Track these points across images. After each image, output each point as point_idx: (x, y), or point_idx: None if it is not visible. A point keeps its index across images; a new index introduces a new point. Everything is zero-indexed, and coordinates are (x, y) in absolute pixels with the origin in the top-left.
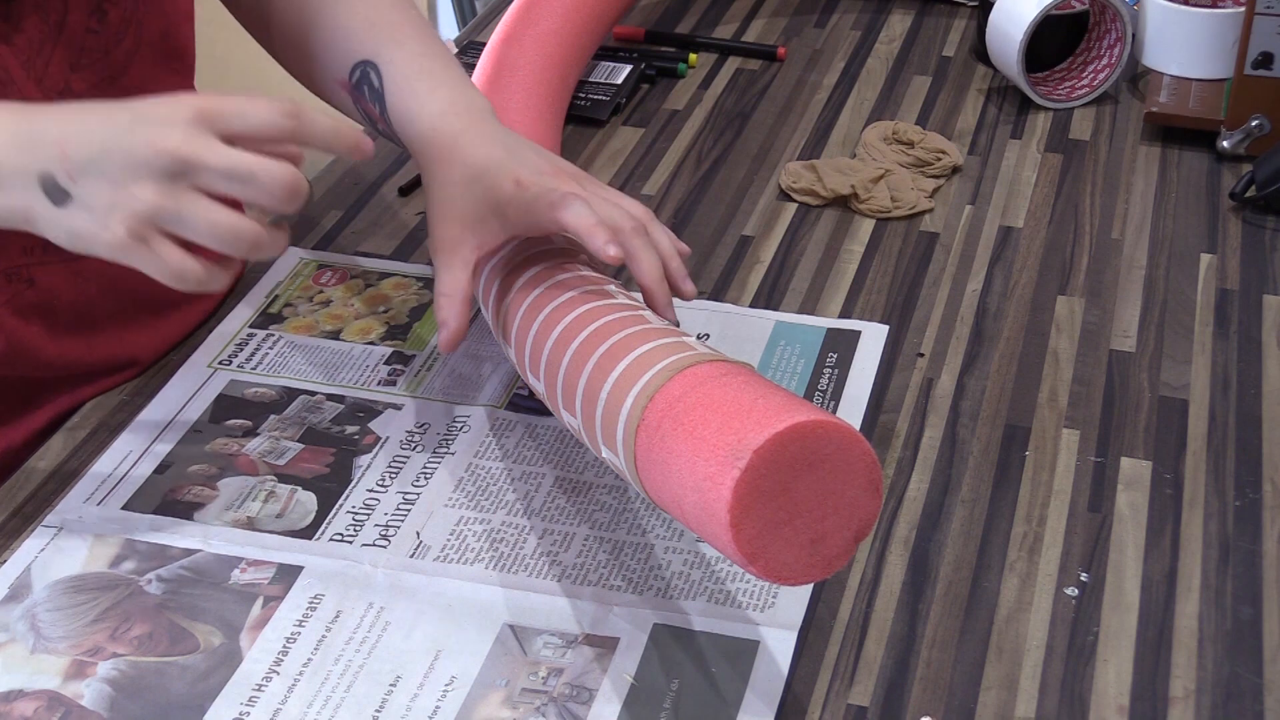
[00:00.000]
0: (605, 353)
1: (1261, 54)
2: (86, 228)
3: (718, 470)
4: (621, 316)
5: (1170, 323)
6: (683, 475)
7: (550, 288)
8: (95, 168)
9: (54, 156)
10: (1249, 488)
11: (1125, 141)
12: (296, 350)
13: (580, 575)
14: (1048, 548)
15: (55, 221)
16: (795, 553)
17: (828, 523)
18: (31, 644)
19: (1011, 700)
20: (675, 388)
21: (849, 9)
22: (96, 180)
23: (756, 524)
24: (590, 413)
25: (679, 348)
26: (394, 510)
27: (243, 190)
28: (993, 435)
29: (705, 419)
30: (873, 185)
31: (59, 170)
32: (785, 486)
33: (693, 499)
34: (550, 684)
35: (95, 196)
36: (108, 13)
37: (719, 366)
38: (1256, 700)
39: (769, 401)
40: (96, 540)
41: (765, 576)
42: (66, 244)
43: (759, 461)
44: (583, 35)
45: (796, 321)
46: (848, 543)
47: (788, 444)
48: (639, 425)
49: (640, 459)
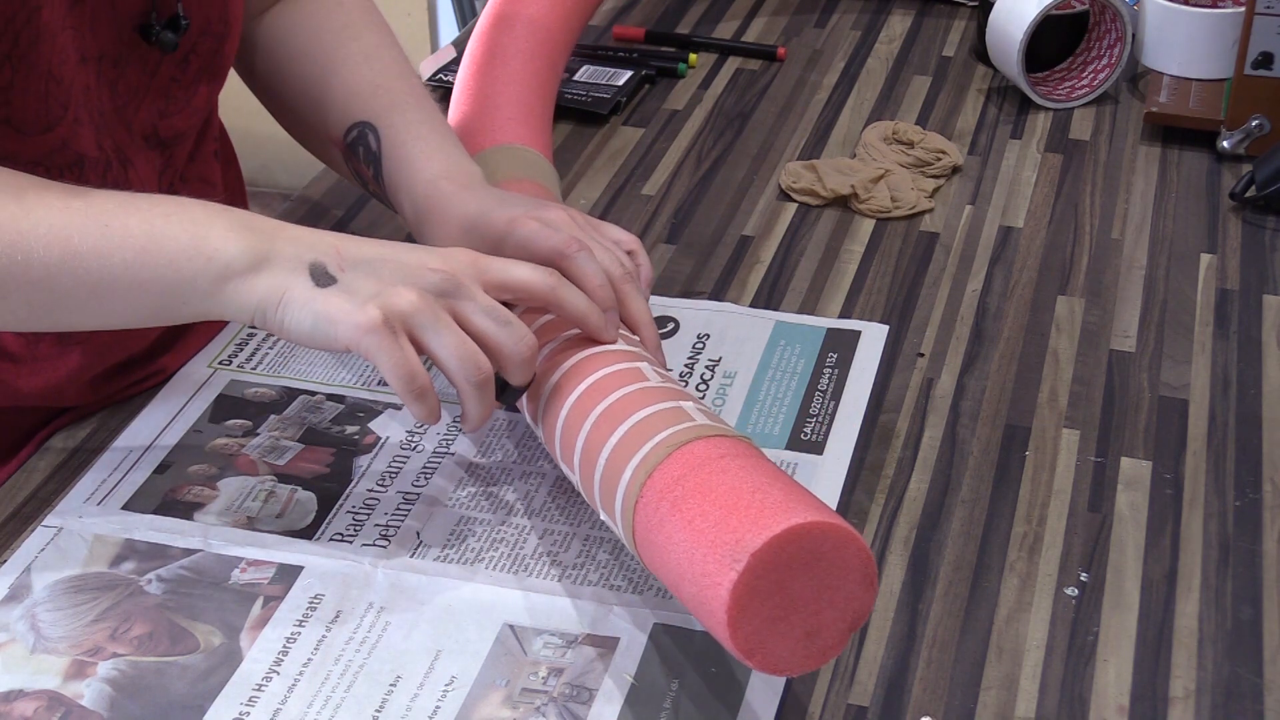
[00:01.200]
0: (604, 413)
1: (1261, 54)
2: (340, 308)
3: (715, 569)
4: (620, 370)
5: (1170, 323)
6: (681, 565)
7: (545, 325)
8: (368, 266)
9: (329, 252)
10: (1249, 488)
11: (1125, 141)
12: (296, 350)
13: (580, 575)
14: (1048, 548)
15: (306, 303)
16: (791, 645)
17: (823, 616)
18: (31, 644)
19: (1011, 700)
20: (674, 468)
21: (849, 9)
22: (365, 275)
23: (753, 622)
24: (589, 474)
25: (677, 416)
26: (394, 510)
27: (496, 332)
28: (993, 435)
29: (704, 511)
30: (873, 185)
31: (331, 262)
32: (782, 584)
33: (690, 590)
34: (550, 684)
35: (360, 286)
36: (191, 64)
37: (718, 446)
38: (1256, 700)
39: (768, 497)
40: (96, 540)
41: (762, 669)
42: (305, 330)
43: (757, 564)
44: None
45: (796, 321)
46: (842, 634)
47: (785, 545)
48: (636, 505)
49: (639, 537)
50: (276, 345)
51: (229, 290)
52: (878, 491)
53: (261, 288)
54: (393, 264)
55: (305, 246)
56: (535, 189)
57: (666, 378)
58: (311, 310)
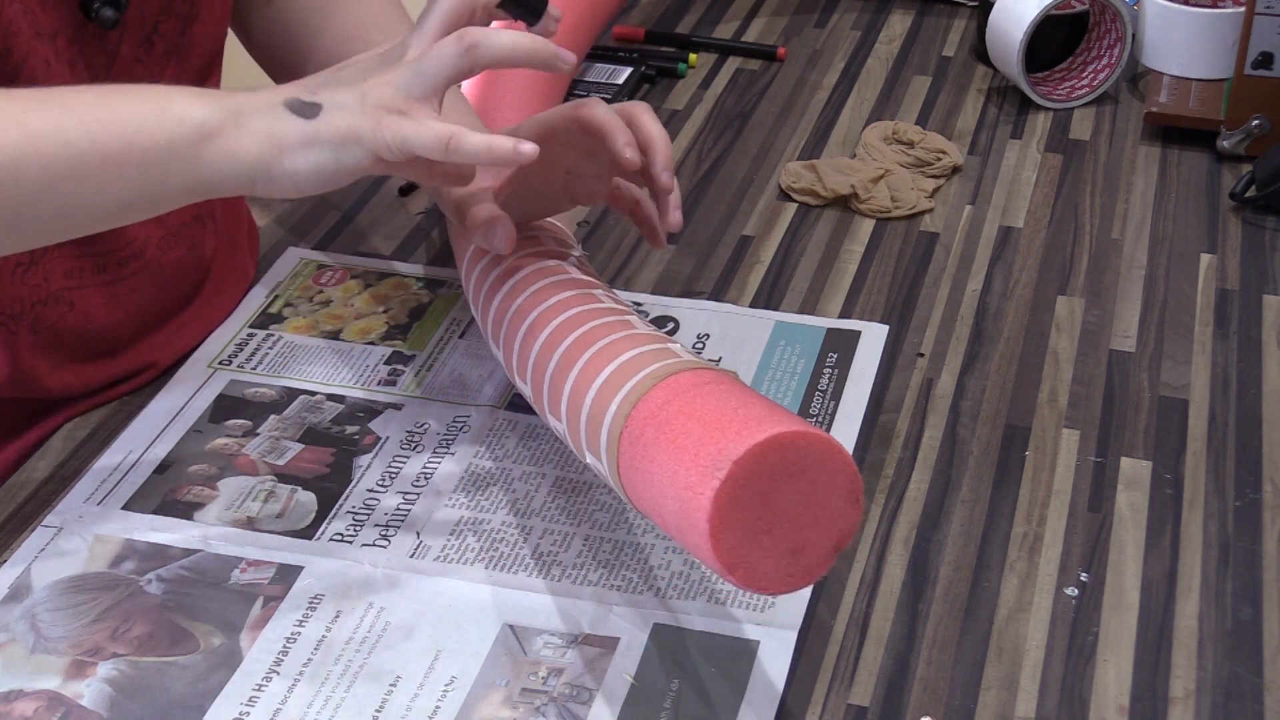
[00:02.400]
0: (590, 359)
1: (1261, 54)
2: (348, 123)
3: (697, 480)
4: (607, 322)
5: (1170, 323)
6: (664, 484)
7: (538, 291)
8: (333, 80)
9: (292, 89)
10: (1249, 488)
11: (1125, 141)
12: (296, 350)
13: (580, 575)
14: (1048, 548)
15: (310, 139)
16: (774, 562)
17: (807, 533)
18: (31, 644)
19: (1011, 700)
20: (658, 396)
21: (849, 9)
22: (337, 87)
23: (736, 533)
24: (575, 418)
25: (662, 354)
26: (394, 510)
27: (464, 59)
28: (993, 435)
29: (686, 428)
30: (873, 185)
31: (302, 93)
32: (764, 497)
33: (673, 508)
34: (550, 684)
35: (343, 96)
36: (155, 44)
37: (701, 375)
38: (1256, 700)
39: (749, 411)
40: (96, 540)
41: (744, 585)
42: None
43: (738, 472)
44: (578, 31)
45: (796, 321)
46: (827, 553)
47: (767, 454)
48: (622, 433)
49: (623, 467)
50: (276, 345)
51: (213, 151)
52: (878, 491)
53: (250, 142)
54: (349, 69)
55: (268, 94)
56: None
57: (653, 328)
58: (320, 142)
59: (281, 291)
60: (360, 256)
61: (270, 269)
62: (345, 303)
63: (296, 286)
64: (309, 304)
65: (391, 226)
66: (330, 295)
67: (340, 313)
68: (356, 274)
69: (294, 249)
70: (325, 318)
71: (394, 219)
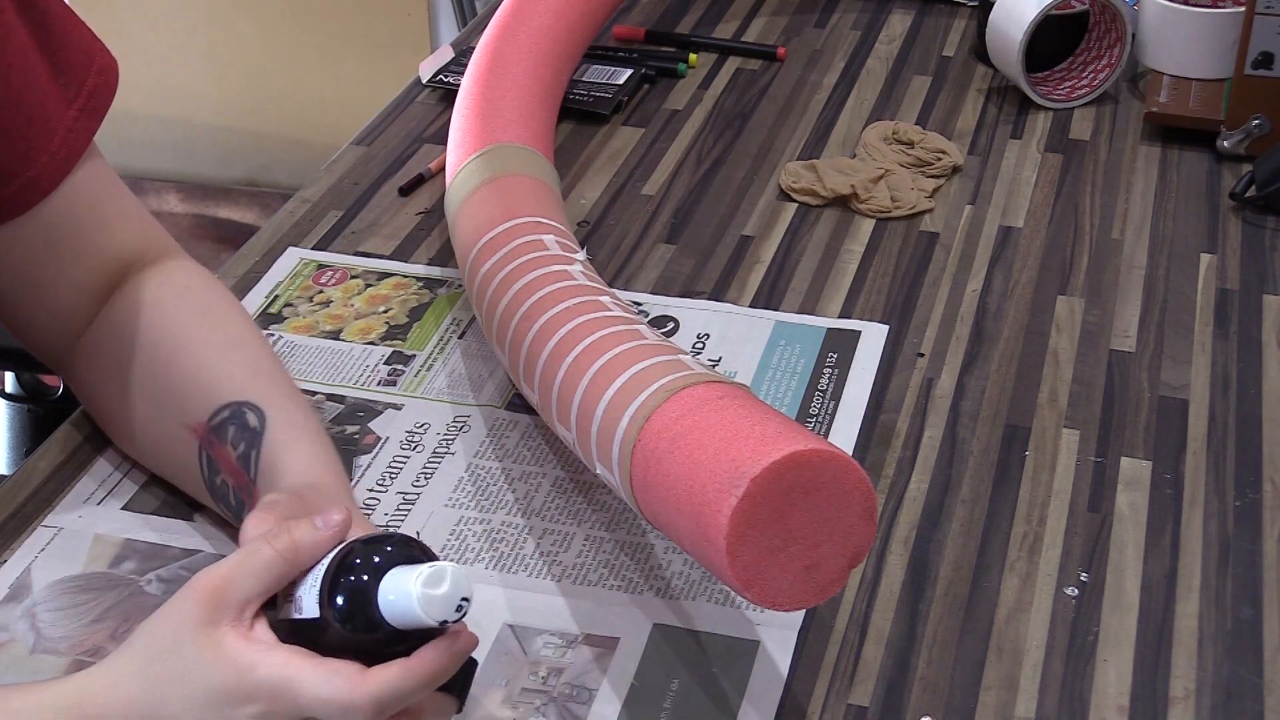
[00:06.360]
0: (601, 369)
1: (1261, 54)
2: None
3: (715, 497)
4: (617, 330)
5: (1170, 323)
6: (679, 500)
7: (546, 296)
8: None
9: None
10: (1249, 488)
11: (1125, 141)
12: (297, 350)
13: (580, 575)
14: (1048, 548)
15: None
16: (790, 579)
17: (822, 549)
18: (31, 644)
19: (1011, 700)
20: (672, 410)
21: (849, 9)
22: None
23: (752, 550)
24: (586, 429)
25: (675, 366)
26: (394, 510)
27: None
28: (993, 435)
29: (702, 443)
30: (873, 185)
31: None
32: (781, 514)
33: (689, 524)
34: (550, 684)
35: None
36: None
37: (715, 389)
38: (1256, 700)
39: (766, 428)
40: (96, 540)
41: (759, 602)
42: None
43: (756, 489)
44: (575, 30)
45: (796, 321)
46: (841, 569)
47: (784, 472)
48: (635, 447)
49: (636, 480)
50: (277, 345)
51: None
52: (878, 491)
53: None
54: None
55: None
56: (534, 185)
57: (663, 338)
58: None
59: (281, 291)
60: (360, 256)
61: (270, 269)
62: (345, 303)
63: (296, 286)
64: (309, 304)
65: (391, 226)
66: (330, 295)
67: (340, 313)
68: (356, 274)
69: (294, 249)
70: (325, 318)
71: (394, 219)
